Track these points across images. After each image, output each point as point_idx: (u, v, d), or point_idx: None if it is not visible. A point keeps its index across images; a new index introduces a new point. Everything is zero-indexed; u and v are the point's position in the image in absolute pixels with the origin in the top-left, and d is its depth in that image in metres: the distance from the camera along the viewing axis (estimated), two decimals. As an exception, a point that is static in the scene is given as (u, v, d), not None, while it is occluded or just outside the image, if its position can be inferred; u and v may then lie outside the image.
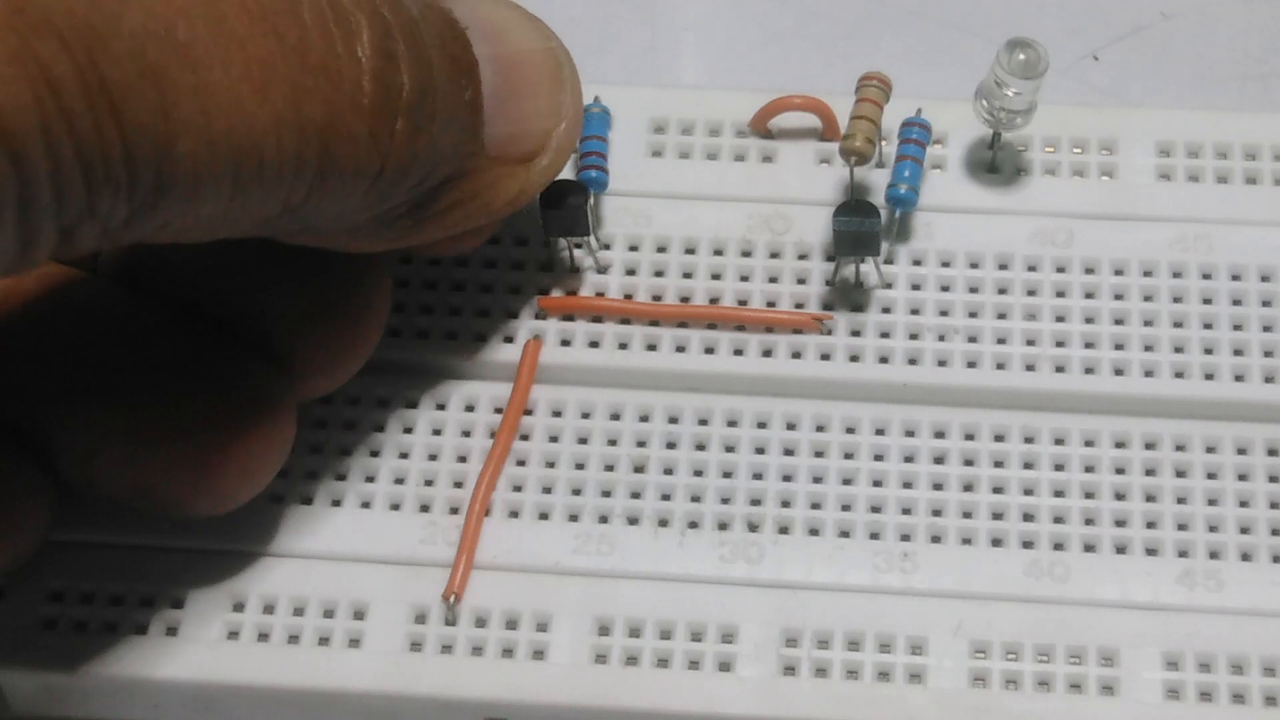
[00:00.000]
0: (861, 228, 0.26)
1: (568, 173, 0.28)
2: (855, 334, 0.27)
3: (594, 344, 0.27)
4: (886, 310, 0.27)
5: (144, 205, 0.19)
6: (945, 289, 0.27)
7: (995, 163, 0.28)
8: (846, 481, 0.26)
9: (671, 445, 0.26)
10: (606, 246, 0.27)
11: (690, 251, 0.27)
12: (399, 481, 0.26)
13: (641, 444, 0.26)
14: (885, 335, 0.27)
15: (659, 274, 0.27)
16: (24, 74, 0.17)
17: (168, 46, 0.18)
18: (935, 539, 0.25)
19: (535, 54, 0.24)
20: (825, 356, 0.26)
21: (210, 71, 0.19)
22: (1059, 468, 0.26)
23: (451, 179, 0.23)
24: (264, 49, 0.19)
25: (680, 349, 0.27)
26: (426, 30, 0.22)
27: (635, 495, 0.25)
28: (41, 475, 0.23)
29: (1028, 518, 0.25)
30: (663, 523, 0.25)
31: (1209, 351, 0.26)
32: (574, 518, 0.25)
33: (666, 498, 0.25)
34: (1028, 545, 0.25)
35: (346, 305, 0.24)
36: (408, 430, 0.26)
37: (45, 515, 0.24)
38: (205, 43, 0.19)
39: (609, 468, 0.26)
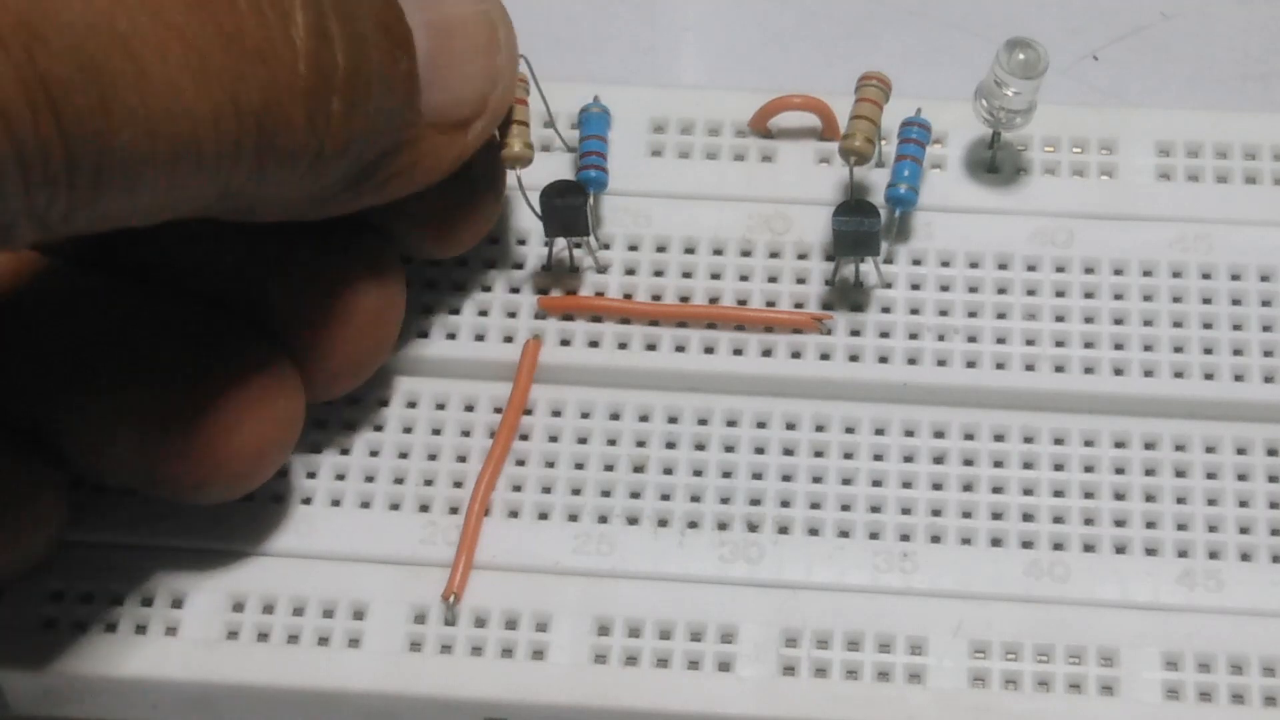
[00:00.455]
0: (861, 227, 0.26)
1: (567, 173, 0.28)
2: (855, 334, 0.27)
3: (594, 344, 0.27)
4: (886, 310, 0.27)
5: (83, 199, 0.19)
6: (945, 289, 0.27)
7: (995, 163, 0.28)
8: (846, 481, 0.26)
9: (671, 445, 0.26)
10: (606, 246, 0.27)
11: (690, 251, 0.27)
12: (399, 481, 0.26)
13: (641, 444, 0.26)
14: (885, 335, 0.27)
15: (659, 274, 0.27)
16: None
17: (107, 39, 0.18)
18: (935, 539, 0.25)
19: (469, 18, 0.24)
20: (825, 356, 0.26)
21: (149, 62, 0.18)
22: (1059, 468, 0.26)
23: (389, 152, 0.23)
24: (201, 37, 0.19)
25: (680, 349, 0.27)
26: (359, 2, 0.21)
27: (635, 495, 0.25)
28: (54, 472, 0.24)
29: (1027, 518, 0.25)
30: (662, 523, 0.25)
31: (1208, 351, 0.26)
32: (573, 518, 0.25)
33: (666, 498, 0.25)
34: (1027, 545, 0.25)
35: (360, 308, 0.24)
36: (407, 430, 0.26)
37: (61, 513, 0.24)
38: (144, 33, 0.18)
39: (609, 468, 0.26)
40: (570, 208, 0.26)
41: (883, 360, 0.26)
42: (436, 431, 0.26)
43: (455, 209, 0.25)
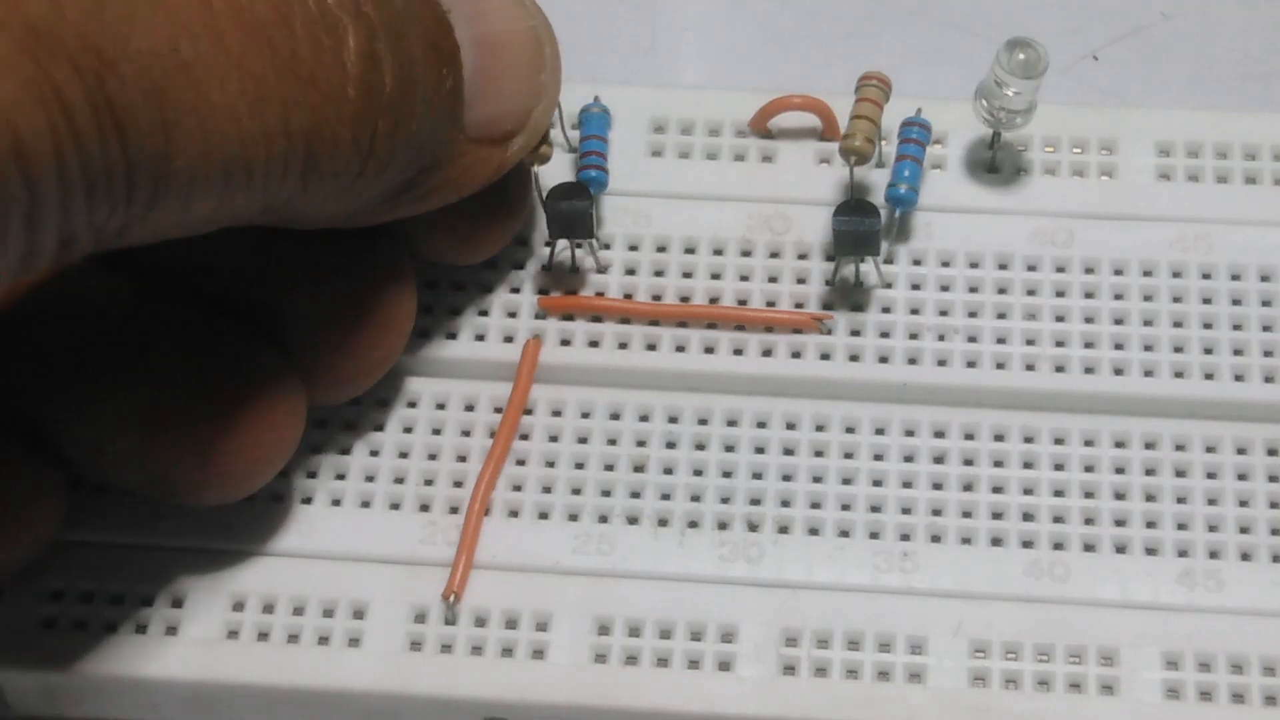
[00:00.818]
0: (861, 227, 0.26)
1: (567, 173, 0.28)
2: (855, 334, 0.27)
3: (594, 344, 0.27)
4: (886, 310, 0.27)
5: (139, 214, 0.19)
6: (945, 289, 0.27)
7: (995, 163, 0.28)
8: (846, 481, 0.26)
9: (671, 445, 0.26)
10: (606, 246, 0.27)
11: (690, 251, 0.27)
12: (399, 481, 0.26)
13: (641, 444, 0.26)
14: (885, 335, 0.27)
15: (659, 274, 0.27)
16: (39, 98, 0.17)
17: (171, 67, 0.19)
18: (935, 539, 0.25)
19: (516, 34, 0.24)
20: (825, 356, 0.26)
21: (209, 89, 0.19)
22: (1059, 467, 0.26)
23: (429, 166, 0.23)
24: (258, 63, 0.20)
25: (680, 349, 0.27)
26: (409, 20, 0.22)
27: (635, 495, 0.25)
28: (54, 472, 0.24)
29: (1028, 517, 0.25)
30: (662, 522, 0.25)
31: (1209, 351, 0.26)
32: (574, 517, 0.25)
33: (666, 497, 0.25)
34: (1028, 545, 0.25)
35: (370, 314, 0.24)
36: (408, 430, 0.26)
37: (58, 512, 0.24)
38: (205, 61, 0.19)
39: (609, 467, 0.26)
40: (575, 210, 0.26)
41: (883, 360, 0.26)
42: (437, 431, 0.26)
43: (484, 217, 0.25)
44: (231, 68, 0.19)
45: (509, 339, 0.27)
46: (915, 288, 0.27)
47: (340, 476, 0.26)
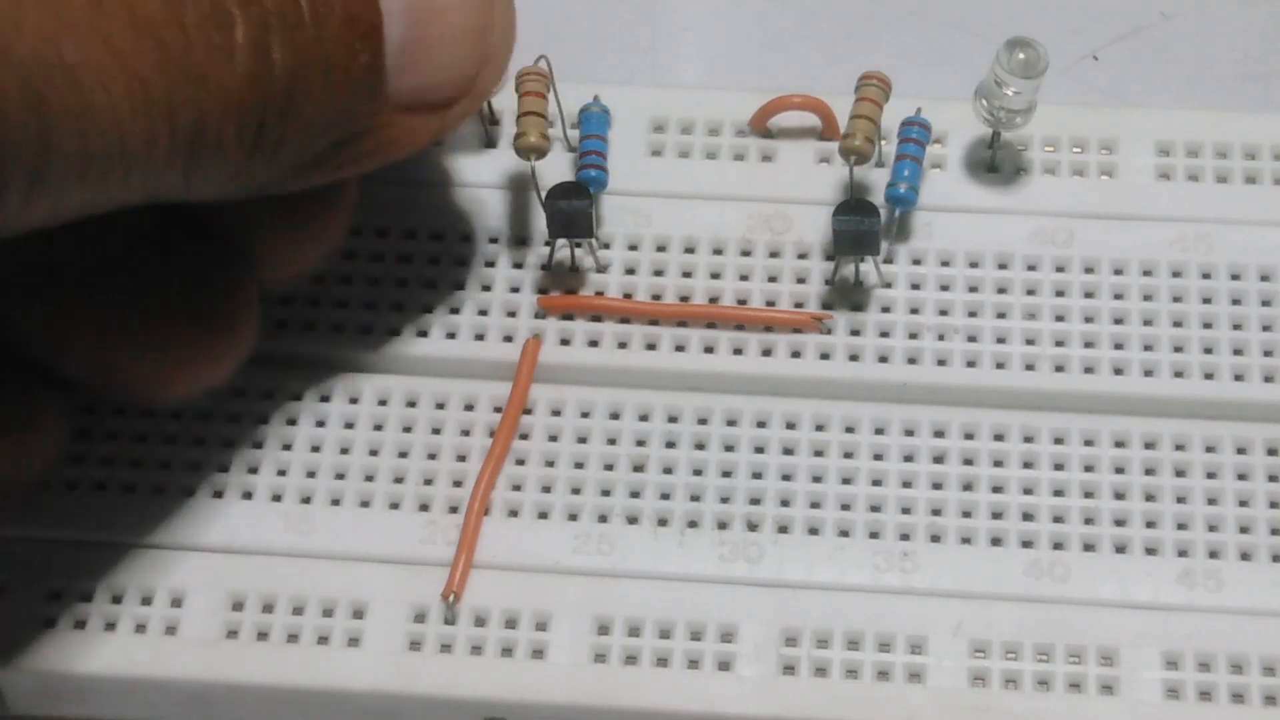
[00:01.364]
0: (861, 227, 0.26)
1: (567, 173, 0.28)
2: (855, 333, 0.27)
3: (593, 343, 0.27)
4: (886, 310, 0.27)
5: (10, 211, 0.19)
6: (945, 288, 0.27)
7: (995, 162, 0.28)
8: (846, 481, 0.26)
9: (671, 444, 0.26)
10: (606, 246, 0.27)
11: (690, 251, 0.27)
12: (398, 481, 0.26)
13: (641, 443, 0.26)
14: (885, 335, 0.27)
15: (659, 273, 0.27)
16: None
17: (54, 73, 0.18)
18: (935, 538, 0.25)
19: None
20: (825, 356, 0.26)
21: (93, 93, 0.19)
22: (1059, 467, 0.26)
23: (347, 139, 0.22)
24: (145, 63, 0.19)
25: (680, 348, 0.27)
26: None
27: (635, 495, 0.25)
28: (54, 389, 0.24)
29: (1027, 517, 0.25)
30: (662, 522, 0.25)
31: (1208, 351, 0.26)
32: (573, 517, 0.25)
33: (666, 497, 0.25)
34: (1027, 545, 0.25)
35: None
36: (407, 429, 0.26)
37: (60, 429, 0.24)
38: (91, 64, 0.19)
39: (608, 467, 0.26)
40: (575, 210, 0.26)
41: (883, 360, 0.26)
42: (436, 431, 0.26)
43: (304, 224, 0.25)
44: (117, 70, 0.19)
45: (509, 339, 0.27)
46: (915, 287, 0.27)
47: (340, 476, 0.26)
